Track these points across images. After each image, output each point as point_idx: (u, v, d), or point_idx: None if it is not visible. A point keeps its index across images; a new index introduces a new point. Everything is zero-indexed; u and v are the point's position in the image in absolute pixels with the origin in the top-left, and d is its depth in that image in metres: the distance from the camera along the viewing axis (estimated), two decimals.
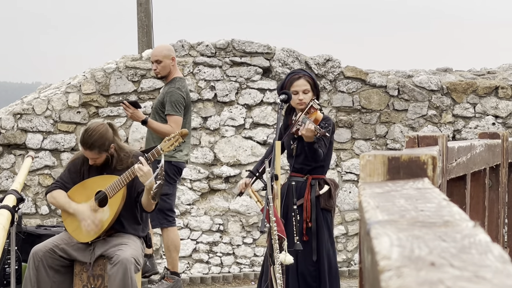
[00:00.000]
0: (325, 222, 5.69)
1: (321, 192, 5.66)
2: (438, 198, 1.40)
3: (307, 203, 5.64)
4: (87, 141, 5.61)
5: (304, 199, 5.65)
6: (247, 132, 8.88)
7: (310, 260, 5.64)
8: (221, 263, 8.81)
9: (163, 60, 6.99)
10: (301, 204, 5.66)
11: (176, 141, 5.67)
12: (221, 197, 8.84)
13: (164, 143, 5.68)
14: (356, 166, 8.92)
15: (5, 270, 6.56)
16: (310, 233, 5.64)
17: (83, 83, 8.65)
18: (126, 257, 5.40)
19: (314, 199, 5.65)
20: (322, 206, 5.66)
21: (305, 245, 5.61)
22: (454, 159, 3.09)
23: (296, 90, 5.72)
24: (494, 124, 9.18)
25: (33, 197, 8.57)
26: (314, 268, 5.64)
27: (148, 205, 5.57)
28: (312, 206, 5.65)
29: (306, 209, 5.63)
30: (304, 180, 5.70)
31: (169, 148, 5.67)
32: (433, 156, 1.81)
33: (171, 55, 7.06)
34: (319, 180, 5.72)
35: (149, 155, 5.60)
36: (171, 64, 7.03)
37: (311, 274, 5.63)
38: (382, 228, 1.08)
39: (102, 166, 5.73)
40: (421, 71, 9.45)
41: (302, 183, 5.70)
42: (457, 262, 0.87)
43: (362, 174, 1.81)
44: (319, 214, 5.66)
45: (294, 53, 8.99)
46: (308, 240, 5.64)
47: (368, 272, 1.09)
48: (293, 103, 5.72)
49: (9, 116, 8.55)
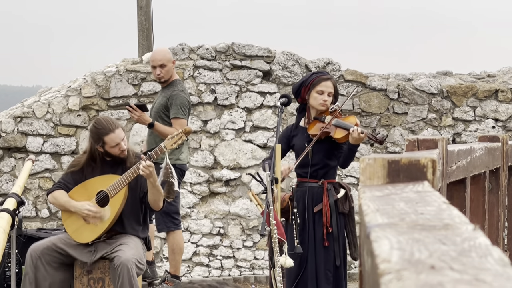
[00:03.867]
0: (343, 226, 5.62)
1: (338, 196, 5.60)
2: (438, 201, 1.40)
3: (326, 208, 5.57)
4: (110, 122, 5.70)
5: (323, 204, 5.57)
6: (247, 135, 8.88)
7: (329, 266, 5.57)
8: (221, 266, 8.81)
9: (167, 64, 6.97)
10: (318, 210, 5.59)
11: (179, 138, 5.59)
12: (221, 200, 8.84)
13: (167, 141, 5.61)
14: (356, 169, 8.92)
15: (6, 273, 6.56)
16: (331, 238, 5.57)
17: (83, 86, 8.65)
18: (127, 258, 5.39)
19: (333, 203, 5.58)
20: (341, 210, 5.59)
21: (325, 250, 5.55)
22: (454, 162, 3.09)
23: (323, 90, 5.59)
24: (494, 127, 9.18)
25: (33, 201, 8.57)
26: (332, 273, 5.57)
27: (155, 201, 5.54)
28: (332, 211, 5.58)
29: (326, 214, 5.56)
30: (319, 186, 5.60)
31: (172, 146, 5.59)
32: (433, 159, 1.81)
33: (172, 58, 7.07)
34: (334, 184, 5.67)
35: (152, 153, 5.56)
36: (173, 68, 7.04)
37: (329, 280, 5.56)
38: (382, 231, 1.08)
39: (106, 164, 5.72)
40: (421, 74, 9.45)
41: (317, 189, 5.60)
42: (457, 265, 0.87)
43: (362, 178, 1.81)
44: (338, 219, 5.60)
45: (294, 56, 9.00)
46: (328, 245, 5.57)
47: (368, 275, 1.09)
48: (315, 102, 5.60)
49: (9, 119, 8.55)
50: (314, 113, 5.65)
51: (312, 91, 5.59)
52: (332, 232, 5.54)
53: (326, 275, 5.54)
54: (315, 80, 5.62)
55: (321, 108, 5.60)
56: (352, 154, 5.57)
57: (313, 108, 5.64)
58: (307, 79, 5.67)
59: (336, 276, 5.57)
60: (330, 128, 5.53)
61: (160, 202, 5.57)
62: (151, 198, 5.53)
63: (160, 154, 5.56)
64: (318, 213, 5.57)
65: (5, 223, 4.14)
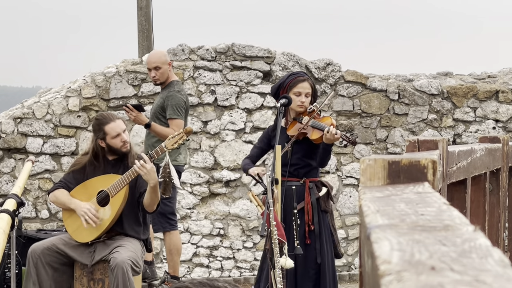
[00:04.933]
0: (325, 224, 5.69)
1: (320, 194, 5.67)
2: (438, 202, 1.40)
3: (308, 206, 5.63)
4: (110, 114, 5.80)
5: (305, 203, 5.64)
6: (248, 136, 8.88)
7: (311, 263, 5.62)
8: (222, 267, 8.81)
9: (162, 67, 7.00)
10: (301, 208, 5.65)
11: (180, 138, 5.60)
12: (221, 201, 8.84)
13: (168, 140, 5.61)
14: (356, 170, 8.92)
15: (6, 274, 6.56)
16: (313, 236, 5.63)
17: (83, 87, 8.65)
18: (123, 259, 5.39)
19: (315, 201, 5.65)
20: (323, 208, 5.67)
21: (307, 248, 5.60)
22: (455, 163, 3.09)
23: (300, 91, 5.68)
24: (495, 128, 9.18)
25: (33, 201, 8.57)
26: (314, 271, 5.62)
27: (150, 204, 5.55)
28: (314, 209, 5.64)
29: (308, 212, 5.62)
30: (301, 184, 5.69)
31: (173, 146, 5.59)
32: (433, 160, 1.81)
33: (167, 60, 7.07)
34: (315, 182, 5.73)
35: (153, 152, 5.57)
36: (169, 69, 7.04)
37: (311, 278, 5.62)
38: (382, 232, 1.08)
39: (108, 164, 5.73)
40: (422, 75, 9.45)
41: (300, 187, 5.69)
42: (457, 266, 0.87)
43: (363, 178, 1.81)
44: (320, 217, 5.67)
45: (294, 57, 9.00)
46: (310, 243, 5.62)
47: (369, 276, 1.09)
48: (293, 104, 5.68)
49: (9, 120, 8.55)
50: (293, 114, 5.75)
51: (290, 93, 5.67)
52: (313, 230, 5.60)
53: (307, 272, 5.60)
54: (292, 81, 5.72)
55: (299, 109, 5.71)
56: (327, 153, 5.67)
57: (292, 109, 5.72)
58: (284, 81, 5.78)
59: (318, 274, 5.61)
60: (307, 129, 5.61)
61: (154, 206, 5.59)
62: (147, 199, 5.53)
63: (160, 153, 5.57)
64: (300, 211, 5.62)
65: (5, 224, 4.14)
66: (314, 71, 8.95)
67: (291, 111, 5.74)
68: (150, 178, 5.40)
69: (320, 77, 8.96)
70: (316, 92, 5.83)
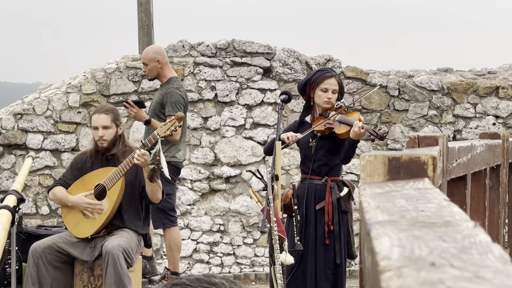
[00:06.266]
0: (344, 224, 5.63)
1: (341, 194, 5.59)
2: (438, 199, 1.40)
3: (328, 206, 5.56)
4: (103, 107, 5.87)
5: (326, 202, 5.56)
6: (248, 132, 8.88)
7: (329, 264, 5.57)
8: (222, 264, 8.81)
9: (149, 63, 7.00)
10: (321, 208, 5.58)
11: (172, 125, 5.58)
12: (221, 197, 8.84)
13: (160, 128, 5.59)
14: (356, 166, 8.92)
15: (6, 270, 6.56)
16: (332, 236, 5.57)
17: (83, 83, 8.65)
18: (113, 246, 5.39)
19: (335, 201, 5.58)
20: (343, 208, 5.58)
21: (326, 248, 5.56)
22: (455, 159, 3.09)
23: (327, 88, 5.59)
24: (495, 124, 9.18)
25: (33, 198, 8.57)
26: (332, 271, 5.57)
27: (153, 194, 5.54)
28: (334, 209, 5.57)
29: (328, 212, 5.56)
30: (323, 183, 5.60)
31: (166, 133, 5.56)
32: (433, 157, 1.81)
33: (156, 57, 7.01)
34: (337, 182, 5.66)
35: (146, 141, 5.57)
36: (158, 67, 7.00)
37: (328, 278, 5.56)
38: (382, 229, 1.08)
39: (105, 160, 5.73)
40: (422, 71, 9.45)
41: (321, 186, 5.60)
42: (457, 262, 0.87)
43: (363, 175, 1.81)
44: (340, 217, 5.60)
45: (294, 53, 8.99)
46: (329, 243, 5.57)
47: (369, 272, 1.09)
48: (320, 100, 5.60)
49: (9, 116, 8.55)
50: (320, 111, 5.66)
51: (317, 89, 5.60)
52: (333, 230, 5.54)
53: (325, 273, 5.54)
54: (319, 78, 5.62)
55: (326, 106, 5.60)
56: (353, 149, 5.57)
57: (318, 106, 5.64)
58: (311, 77, 5.67)
59: (336, 275, 5.57)
60: (333, 124, 5.53)
61: (158, 194, 5.57)
62: (148, 189, 5.53)
63: (153, 141, 5.56)
64: (320, 211, 5.56)
65: (5, 220, 4.14)
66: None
67: (317, 107, 5.65)
68: (145, 165, 5.41)
69: None
70: (343, 88, 5.72)
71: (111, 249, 5.37)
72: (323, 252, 5.52)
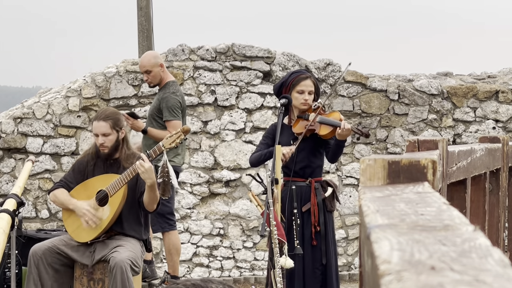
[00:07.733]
0: (330, 224, 5.67)
1: (326, 194, 5.62)
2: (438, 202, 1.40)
3: (314, 207, 5.58)
4: (103, 112, 5.75)
5: (311, 204, 5.59)
6: (248, 136, 8.88)
7: (318, 264, 5.60)
8: (221, 267, 8.81)
9: (152, 70, 6.99)
10: (307, 209, 5.61)
11: (178, 137, 5.59)
12: (221, 201, 8.84)
13: (166, 139, 5.60)
14: (356, 170, 8.92)
15: (6, 274, 6.56)
16: (319, 237, 5.60)
17: (83, 87, 8.65)
18: (122, 259, 5.40)
19: (321, 202, 5.61)
20: (328, 208, 5.62)
21: (313, 249, 5.57)
22: (455, 163, 3.09)
23: (303, 89, 5.64)
24: (495, 128, 9.18)
25: (33, 201, 8.57)
26: (320, 272, 5.60)
27: (149, 203, 5.55)
28: (320, 209, 5.60)
29: (314, 213, 5.58)
30: (306, 185, 5.65)
31: (171, 145, 5.58)
32: (433, 160, 1.81)
33: (158, 62, 7.03)
34: (321, 182, 5.69)
35: (151, 152, 5.57)
36: (161, 71, 7.02)
37: (317, 279, 5.59)
38: (382, 232, 1.08)
39: (108, 164, 5.73)
40: (422, 75, 9.45)
41: (305, 188, 5.64)
42: (457, 266, 0.87)
43: (362, 178, 1.81)
44: (326, 217, 5.63)
45: (294, 57, 9.00)
46: (316, 244, 5.59)
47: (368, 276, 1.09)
48: (296, 102, 5.65)
49: (9, 120, 8.55)
50: (297, 112, 5.72)
51: (293, 91, 5.65)
52: (319, 231, 5.58)
53: (314, 273, 5.58)
54: (294, 80, 5.69)
55: (303, 107, 5.67)
56: (341, 149, 5.64)
57: (295, 107, 5.69)
58: (287, 79, 5.74)
59: (325, 275, 5.60)
60: (314, 125, 5.57)
61: (154, 205, 5.58)
62: (145, 198, 5.53)
63: (158, 152, 5.56)
64: (306, 212, 5.60)
65: (5, 224, 4.14)
66: (314, 71, 8.96)
67: (295, 109, 5.70)
68: (147, 177, 5.40)
69: (320, 77, 8.96)
70: (319, 89, 5.79)
71: (120, 262, 5.37)
72: (311, 253, 5.54)
